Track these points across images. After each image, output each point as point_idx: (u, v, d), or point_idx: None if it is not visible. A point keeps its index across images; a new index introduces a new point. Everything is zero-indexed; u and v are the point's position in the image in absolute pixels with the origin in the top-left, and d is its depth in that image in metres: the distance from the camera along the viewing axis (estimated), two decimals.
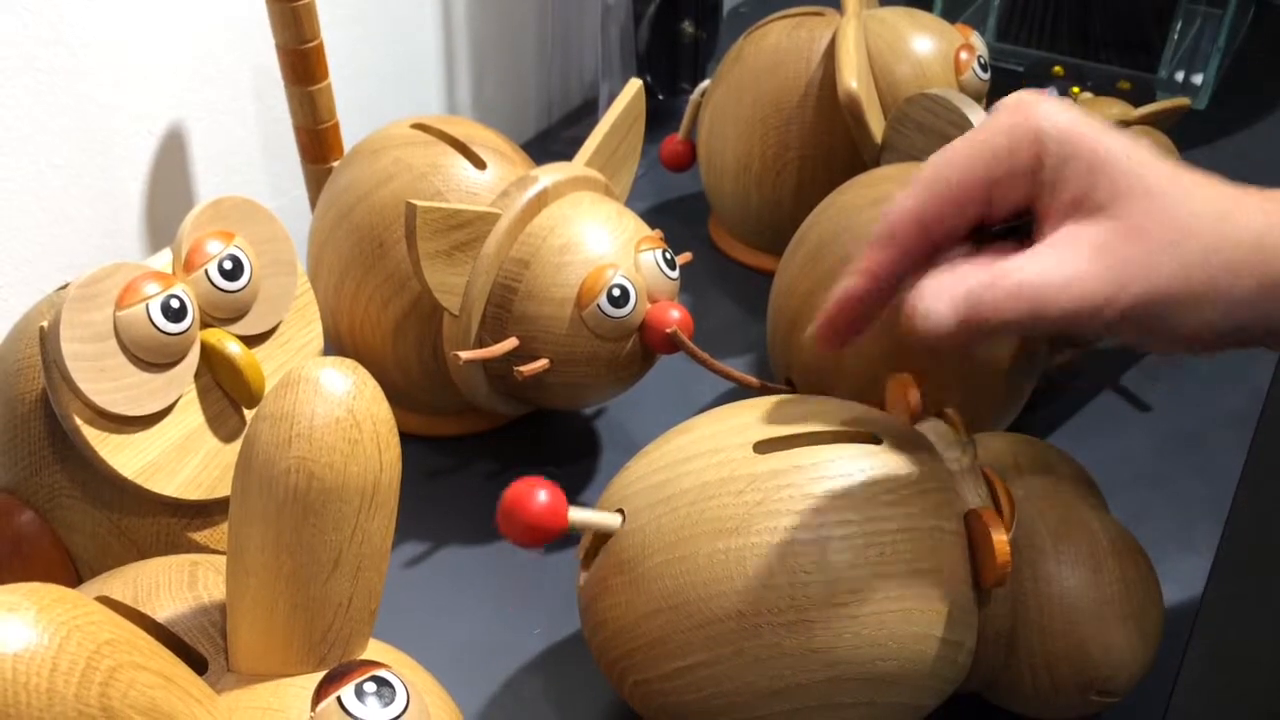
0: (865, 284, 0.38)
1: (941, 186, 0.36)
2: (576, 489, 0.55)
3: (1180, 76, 0.87)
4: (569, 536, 0.52)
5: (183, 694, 0.26)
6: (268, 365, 0.43)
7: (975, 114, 0.52)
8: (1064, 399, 0.60)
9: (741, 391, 0.54)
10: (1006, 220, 0.37)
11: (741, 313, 0.67)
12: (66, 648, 0.23)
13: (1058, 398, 0.60)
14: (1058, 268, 0.34)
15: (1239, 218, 0.34)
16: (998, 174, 0.36)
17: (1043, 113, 0.35)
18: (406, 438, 0.32)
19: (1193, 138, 0.72)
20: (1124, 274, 0.34)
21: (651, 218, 0.54)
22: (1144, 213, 0.34)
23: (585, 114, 0.89)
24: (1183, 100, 0.63)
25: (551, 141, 0.86)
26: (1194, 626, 0.48)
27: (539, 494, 0.39)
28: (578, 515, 0.39)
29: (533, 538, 0.39)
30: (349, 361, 0.30)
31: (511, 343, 0.49)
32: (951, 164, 0.36)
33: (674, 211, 0.76)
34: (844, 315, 0.39)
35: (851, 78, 0.59)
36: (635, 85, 0.56)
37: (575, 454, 0.57)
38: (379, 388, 0.30)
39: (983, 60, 0.63)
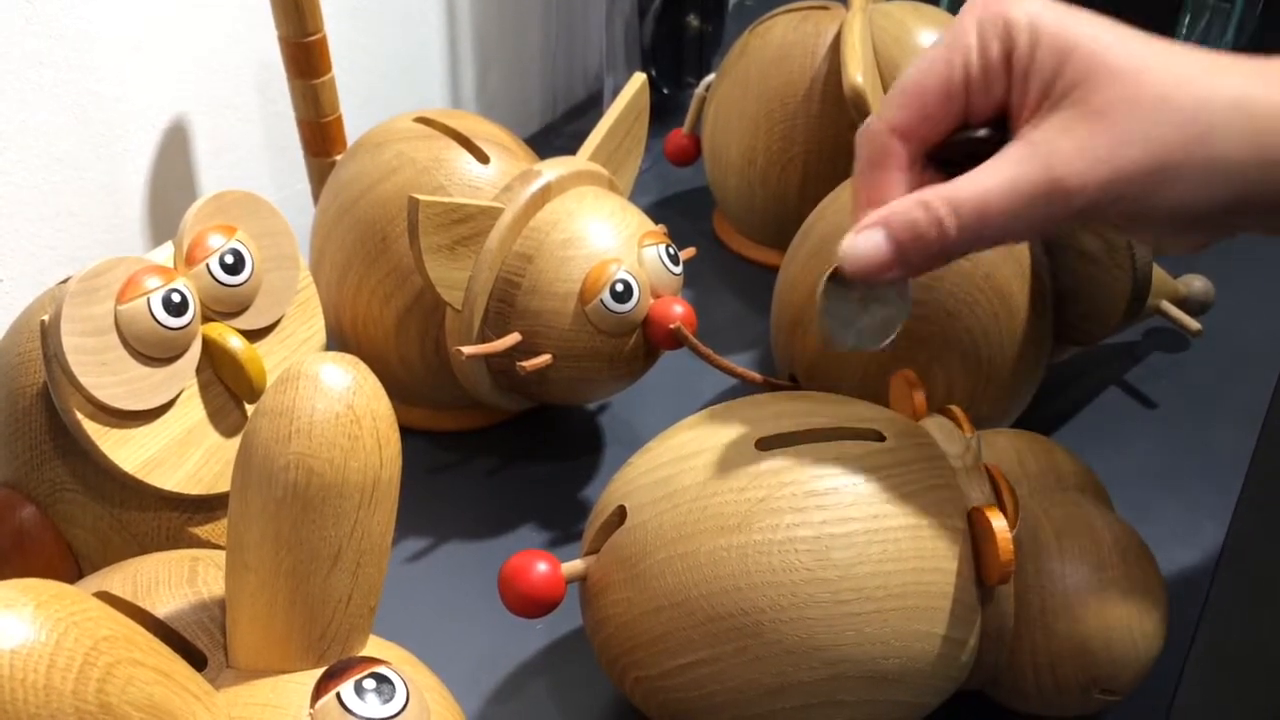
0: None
1: (917, 99, 0.35)
2: (579, 484, 0.55)
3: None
4: (570, 533, 0.53)
5: (181, 690, 0.26)
6: (269, 360, 0.43)
7: None
8: (1070, 397, 0.60)
9: (745, 387, 0.54)
10: (990, 119, 0.36)
11: (745, 308, 0.67)
12: (64, 644, 0.23)
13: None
14: (998, 173, 0.33)
15: (1226, 70, 0.33)
16: (972, 73, 0.35)
17: (1011, 2, 0.34)
18: (408, 433, 0.32)
19: None
20: (1086, 160, 0.33)
21: (655, 212, 0.54)
22: (1110, 92, 0.33)
23: (589, 108, 0.89)
24: None
25: (555, 136, 0.85)
26: (1198, 624, 0.48)
27: (537, 565, 0.39)
28: (570, 570, 0.40)
29: (530, 610, 0.39)
30: (349, 357, 0.30)
31: (514, 338, 0.49)
32: (926, 73, 0.35)
33: (678, 206, 0.76)
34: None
35: (857, 72, 0.59)
36: (639, 79, 0.55)
37: (578, 449, 0.57)
38: (379, 383, 0.30)
39: None
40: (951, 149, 0.36)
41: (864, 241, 0.35)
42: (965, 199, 0.34)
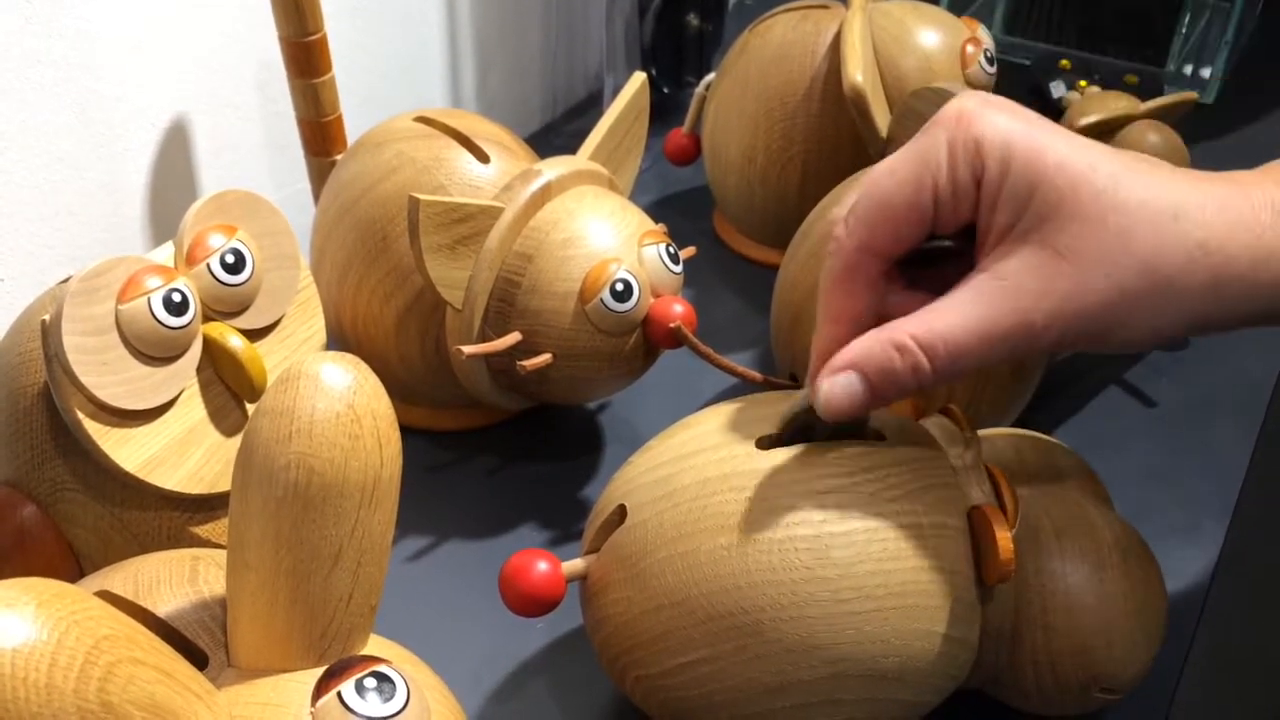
0: (846, 331, 0.37)
1: (887, 212, 0.35)
2: (579, 484, 0.55)
3: (1188, 70, 0.87)
4: (570, 532, 0.53)
5: (182, 689, 0.26)
6: (270, 359, 0.43)
7: None
8: (1070, 396, 0.60)
9: (745, 387, 0.54)
10: (954, 230, 0.36)
11: (745, 308, 0.67)
12: (65, 643, 0.23)
13: None
14: (969, 313, 0.34)
15: (1192, 214, 0.33)
16: (941, 194, 0.35)
17: (986, 122, 0.34)
18: (409, 432, 0.32)
19: (1201, 132, 0.72)
20: (1052, 300, 0.33)
21: (655, 212, 0.54)
22: (1077, 231, 0.33)
23: (589, 108, 0.88)
24: (1190, 94, 0.63)
25: (555, 135, 0.85)
26: (1198, 623, 0.48)
27: (538, 565, 0.39)
28: (571, 569, 0.40)
29: (530, 609, 0.39)
30: (349, 357, 0.30)
31: (514, 337, 0.49)
32: (894, 192, 0.35)
33: (678, 206, 0.76)
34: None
35: (857, 71, 0.59)
36: (639, 79, 0.55)
37: (578, 449, 0.57)
38: (380, 383, 0.30)
39: (989, 54, 0.63)
40: (916, 254, 0.37)
41: (840, 386, 0.36)
42: (938, 340, 0.34)
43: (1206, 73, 0.87)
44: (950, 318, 0.34)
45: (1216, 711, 0.47)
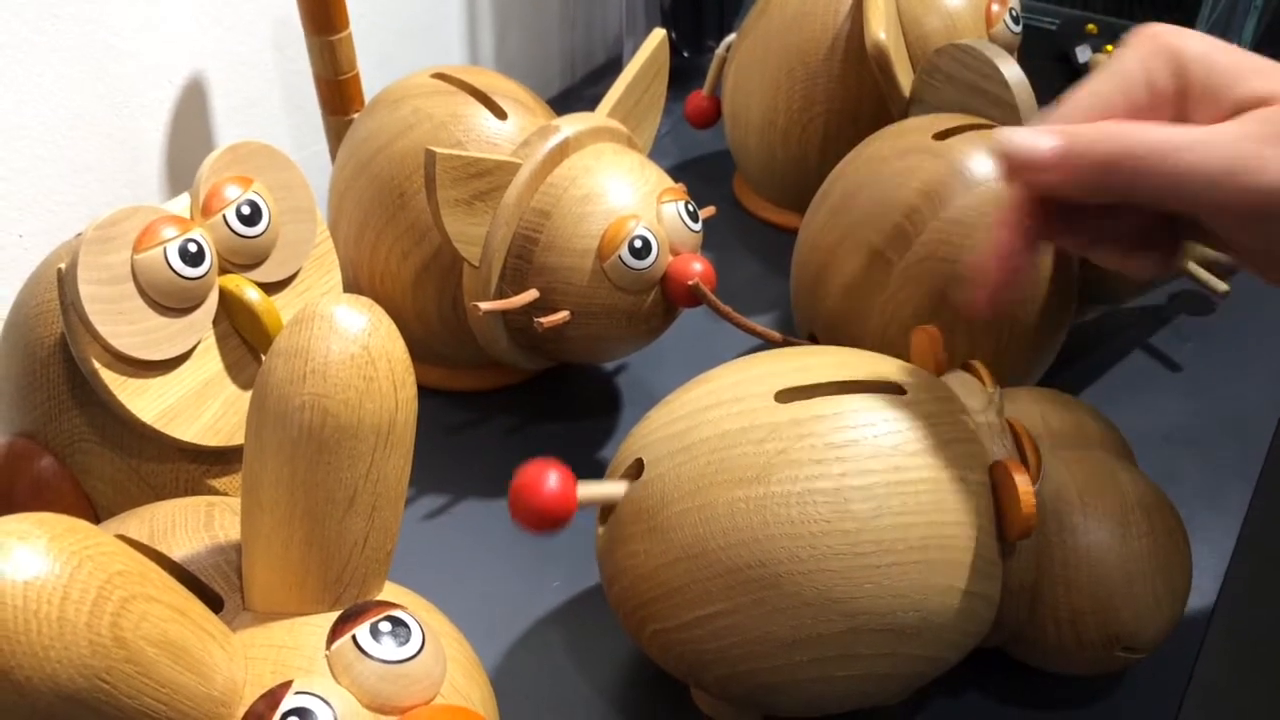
0: (1012, 238, 0.35)
1: (1084, 117, 0.34)
2: (596, 444, 0.55)
3: (1217, 35, 0.85)
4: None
5: (197, 628, 0.26)
6: (286, 313, 0.42)
7: (1007, 65, 0.51)
8: (1095, 358, 0.59)
9: (763, 348, 0.53)
10: None
11: (765, 270, 0.67)
12: (78, 577, 0.23)
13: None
14: (1189, 130, 0.32)
15: None
16: (1140, 104, 0.34)
17: (1177, 36, 0.34)
18: (426, 391, 0.32)
19: None
20: (1272, 153, 0.31)
21: (675, 175, 0.53)
22: None
23: (608, 71, 0.88)
24: None
25: (574, 99, 0.85)
26: (1222, 586, 0.47)
27: (548, 478, 0.38)
28: (585, 491, 0.39)
29: (541, 525, 0.38)
30: (364, 299, 0.29)
31: (532, 294, 0.49)
32: (1094, 97, 0.34)
33: (698, 169, 0.76)
34: (1002, 274, 0.36)
35: (880, 29, 0.58)
36: (659, 35, 0.55)
37: (595, 409, 0.57)
38: (394, 326, 0.30)
39: (1014, 12, 0.62)
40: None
41: (1036, 137, 0.34)
42: (1154, 148, 0.32)
43: (1235, 38, 0.85)
44: (1176, 133, 0.32)
45: (1240, 674, 0.47)
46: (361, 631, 0.28)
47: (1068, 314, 0.51)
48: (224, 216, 0.40)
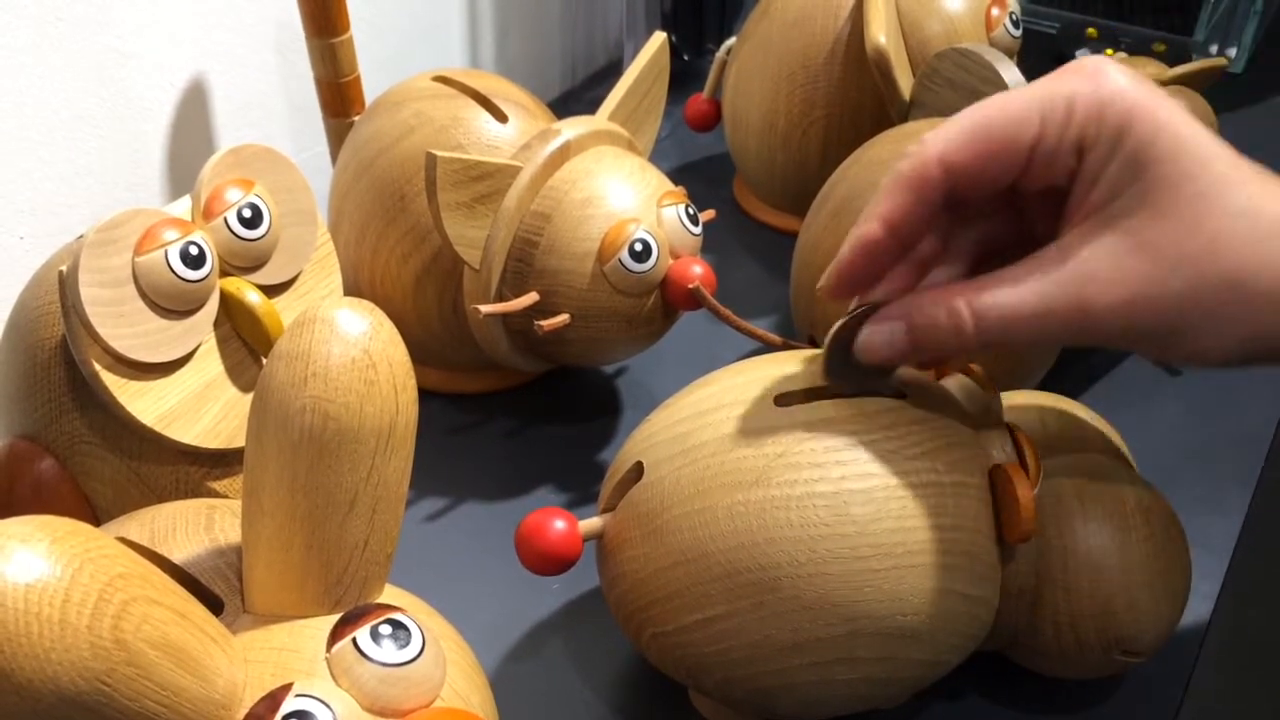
0: (880, 233, 0.35)
1: (983, 137, 0.33)
2: (596, 447, 0.55)
3: (1217, 39, 0.85)
4: (587, 494, 0.52)
5: (197, 631, 0.26)
6: (287, 315, 0.42)
7: (1007, 69, 0.51)
8: (1093, 362, 0.59)
9: (764, 350, 0.53)
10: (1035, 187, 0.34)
11: (765, 274, 0.67)
12: (79, 579, 0.23)
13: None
14: (1029, 291, 0.33)
15: (1273, 241, 0.31)
16: (1048, 143, 0.33)
17: (1113, 85, 0.32)
18: (426, 394, 0.32)
19: (1229, 101, 0.71)
20: (1119, 291, 0.32)
21: (675, 178, 0.53)
22: (1168, 229, 0.31)
23: (609, 74, 0.88)
24: (1219, 60, 0.62)
25: (575, 102, 0.85)
26: (1222, 590, 0.47)
27: (554, 523, 0.39)
28: (585, 528, 0.39)
29: (547, 567, 0.39)
30: (365, 302, 0.29)
31: (532, 297, 0.49)
32: (1003, 115, 0.33)
33: (698, 173, 0.76)
34: (857, 266, 0.36)
35: (880, 33, 0.58)
36: (659, 38, 0.55)
37: (595, 412, 0.57)
38: (395, 329, 0.30)
39: (1015, 17, 0.62)
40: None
41: (882, 333, 0.35)
42: (991, 310, 0.33)
43: (1235, 42, 0.85)
44: (1008, 289, 0.33)
45: (1239, 678, 0.47)
46: (362, 634, 0.29)
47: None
48: (225, 219, 0.40)
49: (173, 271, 0.38)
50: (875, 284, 0.37)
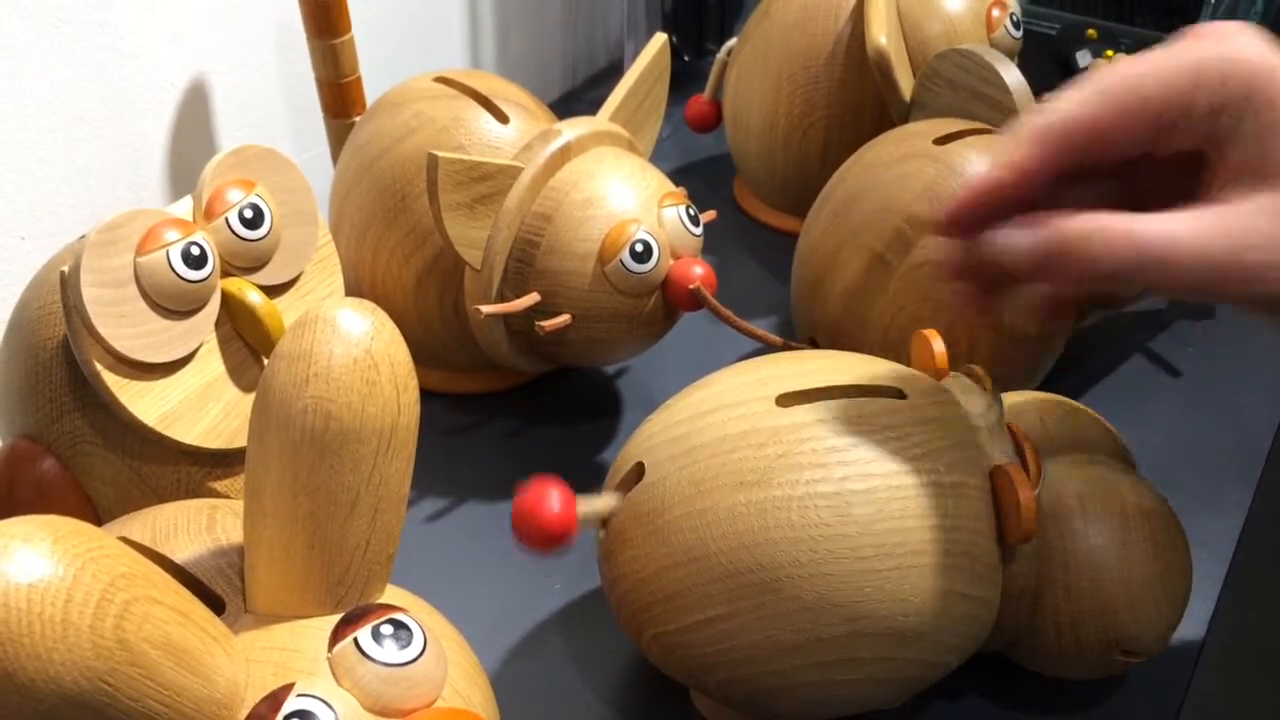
0: (1011, 177, 0.33)
1: (1131, 97, 0.32)
2: (597, 448, 0.55)
3: None
4: (589, 493, 0.52)
5: (199, 631, 0.26)
6: (288, 315, 0.42)
7: (1007, 69, 0.51)
8: (1094, 363, 0.59)
9: (764, 351, 0.54)
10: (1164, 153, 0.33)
11: (766, 274, 0.67)
12: (81, 579, 0.23)
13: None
14: (1196, 229, 0.31)
15: None
16: (1200, 107, 0.31)
17: (1235, 47, 0.31)
18: (427, 394, 0.32)
19: None
20: (1268, 253, 0.30)
21: (676, 179, 0.53)
22: None
23: (610, 75, 0.88)
24: None
25: (575, 103, 0.85)
26: (1222, 591, 0.47)
27: (551, 499, 0.38)
28: (584, 509, 0.39)
29: (546, 546, 0.38)
30: (367, 303, 0.29)
31: (533, 298, 0.49)
32: (1153, 76, 0.32)
33: (699, 174, 0.76)
34: (977, 205, 0.34)
35: (881, 34, 0.58)
36: (660, 39, 0.55)
37: (596, 413, 0.57)
38: (397, 330, 0.30)
39: (1015, 18, 0.62)
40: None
41: (1024, 235, 0.33)
42: (1155, 237, 0.31)
43: None
44: (1173, 226, 0.31)
45: (1239, 679, 0.47)
46: (363, 634, 0.29)
47: (1067, 319, 0.51)
48: (226, 219, 0.40)
49: (174, 272, 0.38)
50: (984, 230, 0.35)
